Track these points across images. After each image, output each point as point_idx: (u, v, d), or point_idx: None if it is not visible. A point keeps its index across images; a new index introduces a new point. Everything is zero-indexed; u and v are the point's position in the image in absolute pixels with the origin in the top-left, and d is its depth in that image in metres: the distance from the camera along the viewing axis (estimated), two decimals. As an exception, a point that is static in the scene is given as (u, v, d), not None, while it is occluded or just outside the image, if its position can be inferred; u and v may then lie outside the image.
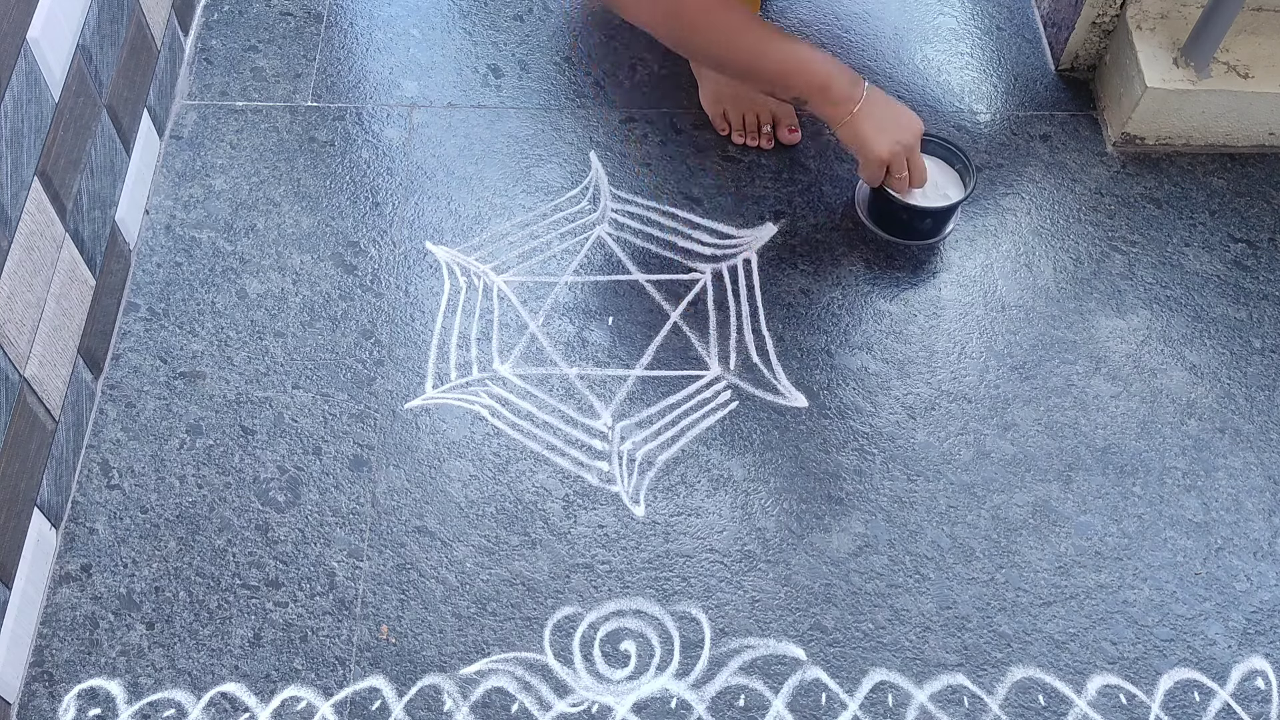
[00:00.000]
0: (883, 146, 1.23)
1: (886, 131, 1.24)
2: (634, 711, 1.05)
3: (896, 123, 1.24)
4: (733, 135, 1.40)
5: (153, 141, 1.34)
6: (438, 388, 1.22)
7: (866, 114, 1.23)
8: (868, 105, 1.23)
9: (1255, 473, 1.20)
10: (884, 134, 1.24)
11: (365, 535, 1.13)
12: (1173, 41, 1.38)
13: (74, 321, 1.13)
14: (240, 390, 1.20)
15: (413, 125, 1.40)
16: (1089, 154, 1.42)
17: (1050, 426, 1.22)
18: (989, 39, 1.52)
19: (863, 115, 1.23)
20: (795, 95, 1.23)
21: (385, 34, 1.48)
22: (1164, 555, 1.15)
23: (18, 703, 1.03)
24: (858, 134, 1.23)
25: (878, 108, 1.24)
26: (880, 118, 1.24)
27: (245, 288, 1.27)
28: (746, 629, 1.09)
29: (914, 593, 1.12)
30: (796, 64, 1.21)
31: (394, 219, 1.33)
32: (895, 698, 1.06)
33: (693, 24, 1.20)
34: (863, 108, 1.23)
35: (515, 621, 1.09)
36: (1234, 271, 1.33)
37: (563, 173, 1.37)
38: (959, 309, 1.29)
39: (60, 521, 1.12)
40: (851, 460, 1.19)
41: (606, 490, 1.16)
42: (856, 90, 1.23)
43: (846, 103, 1.22)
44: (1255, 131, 1.41)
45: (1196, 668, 1.09)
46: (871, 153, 1.24)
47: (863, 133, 1.23)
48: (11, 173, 0.99)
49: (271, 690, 1.05)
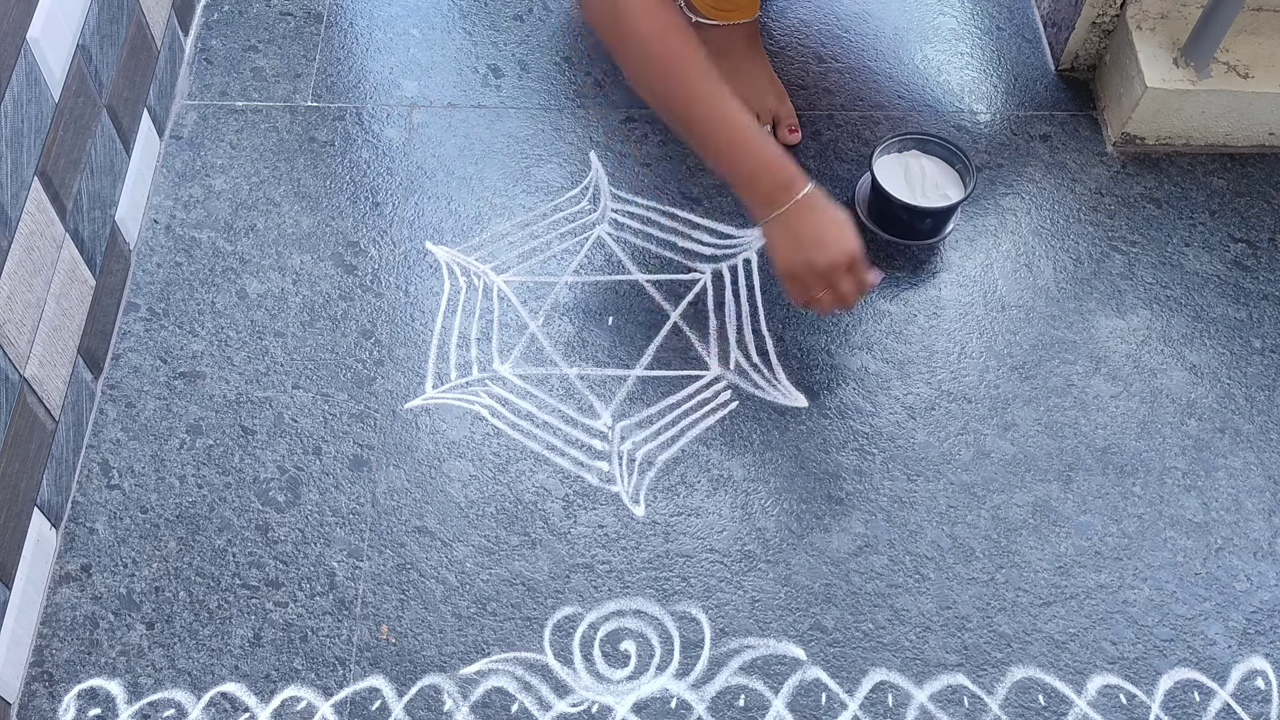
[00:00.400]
0: (788, 264, 1.12)
1: (800, 250, 1.11)
2: (634, 711, 1.05)
3: (819, 241, 1.11)
4: None
5: (153, 141, 1.34)
6: (438, 388, 1.22)
7: (784, 223, 1.11)
8: (791, 214, 1.11)
9: (1255, 473, 1.20)
10: (796, 252, 1.11)
11: (365, 535, 1.13)
12: (1173, 41, 1.38)
13: (74, 321, 1.13)
14: (240, 390, 1.20)
15: (413, 125, 1.40)
16: (1089, 154, 1.42)
17: (1050, 426, 1.22)
18: (989, 39, 1.52)
19: (780, 223, 1.12)
20: (724, 172, 1.13)
21: (385, 34, 1.48)
22: (1164, 555, 1.15)
23: (18, 703, 1.03)
24: (770, 239, 1.13)
25: (799, 220, 1.11)
26: (801, 232, 1.11)
27: (245, 288, 1.27)
28: (746, 629, 1.09)
29: (914, 593, 1.12)
30: (729, 134, 1.10)
31: (394, 219, 1.33)
32: (895, 698, 1.06)
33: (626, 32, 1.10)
34: (785, 214, 1.11)
35: (515, 621, 1.09)
36: (1234, 271, 1.33)
37: (563, 173, 1.37)
38: (959, 309, 1.29)
39: (60, 521, 1.12)
40: (851, 460, 1.19)
41: (606, 490, 1.16)
42: (786, 194, 1.11)
43: (768, 204, 1.11)
44: (1255, 131, 1.41)
45: (1196, 668, 1.09)
46: (776, 267, 1.14)
47: (774, 241, 1.13)
48: (11, 173, 0.99)
49: (271, 690, 1.05)
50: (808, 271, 1.12)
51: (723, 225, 1.34)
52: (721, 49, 1.39)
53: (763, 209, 1.12)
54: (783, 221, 1.12)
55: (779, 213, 1.11)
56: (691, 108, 1.11)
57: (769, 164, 1.11)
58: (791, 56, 1.48)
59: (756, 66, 1.40)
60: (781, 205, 1.11)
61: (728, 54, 1.39)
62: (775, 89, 1.40)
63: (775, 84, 1.41)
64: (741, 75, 1.39)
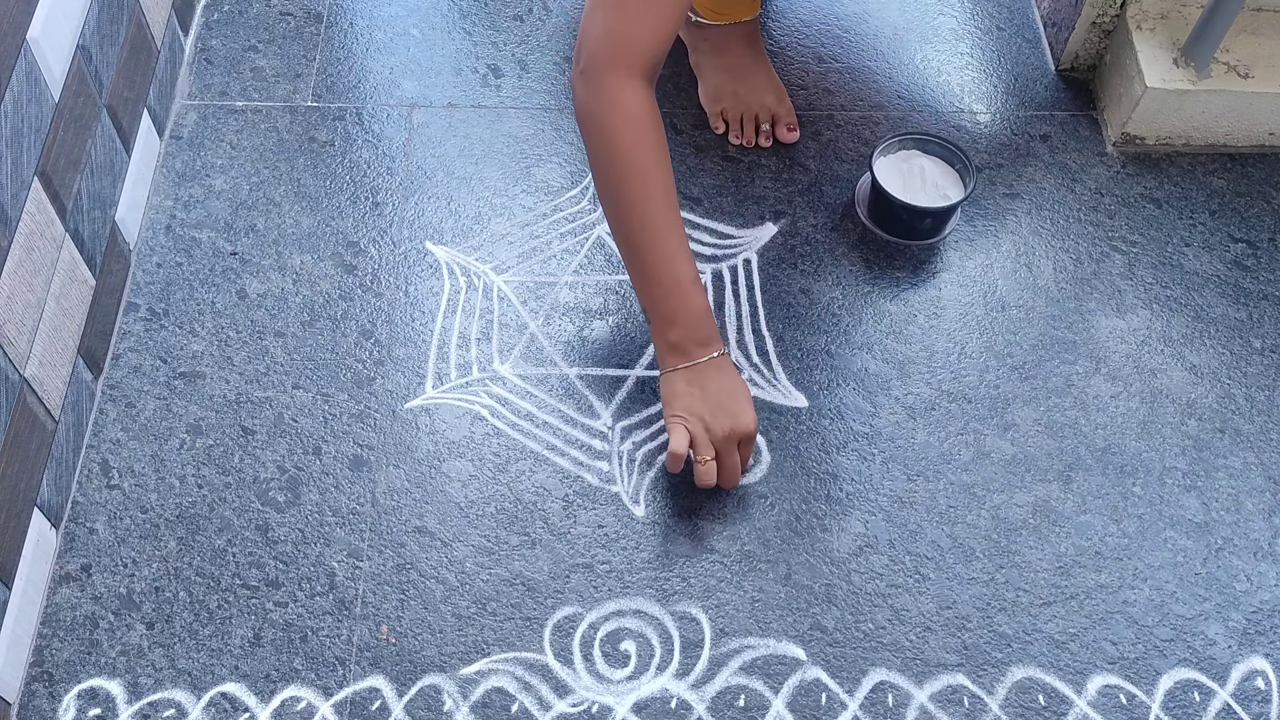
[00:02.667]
0: (680, 415, 1.09)
1: (695, 407, 1.09)
2: (634, 711, 1.05)
3: (721, 405, 1.09)
4: (730, 134, 1.39)
5: (153, 141, 1.34)
6: (438, 388, 1.22)
7: (694, 378, 1.09)
8: (702, 371, 1.09)
9: (1255, 473, 1.20)
10: (692, 408, 1.09)
11: (365, 535, 1.13)
12: (1173, 41, 1.38)
13: (74, 321, 1.13)
14: (240, 390, 1.20)
15: (413, 125, 1.40)
16: (1089, 154, 1.42)
17: (1050, 426, 1.22)
18: (989, 39, 1.52)
19: (686, 377, 1.09)
20: (643, 304, 1.11)
21: (385, 34, 1.48)
22: (1164, 555, 1.15)
23: (18, 703, 1.03)
24: (670, 388, 1.10)
25: (711, 381, 1.09)
26: (707, 391, 1.09)
27: (245, 288, 1.27)
28: (746, 629, 1.09)
29: (914, 593, 1.12)
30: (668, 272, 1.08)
31: (394, 219, 1.33)
32: (895, 698, 1.06)
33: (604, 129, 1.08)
34: (686, 372, 1.09)
35: (515, 621, 1.09)
36: (1234, 271, 1.33)
37: (563, 173, 1.37)
38: (959, 309, 1.29)
39: (60, 521, 1.12)
40: (851, 460, 1.19)
41: (606, 490, 1.16)
42: (696, 351, 1.09)
43: (675, 354, 1.09)
44: (1255, 131, 1.41)
45: (1196, 668, 1.09)
46: (666, 410, 1.11)
47: (671, 392, 1.10)
48: (11, 173, 0.99)
49: (271, 690, 1.05)
50: (698, 433, 1.09)
51: (723, 225, 1.34)
52: (721, 48, 1.39)
53: (674, 357, 1.10)
54: (688, 375, 1.10)
55: (687, 365, 1.09)
56: (641, 230, 1.08)
57: (695, 315, 1.09)
58: (791, 56, 1.48)
59: (756, 65, 1.40)
60: (692, 359, 1.09)
61: (727, 52, 1.39)
62: (775, 88, 1.40)
63: (775, 83, 1.41)
64: (741, 74, 1.39)
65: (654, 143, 1.08)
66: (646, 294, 1.10)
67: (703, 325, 1.10)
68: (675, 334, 1.09)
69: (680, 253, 1.09)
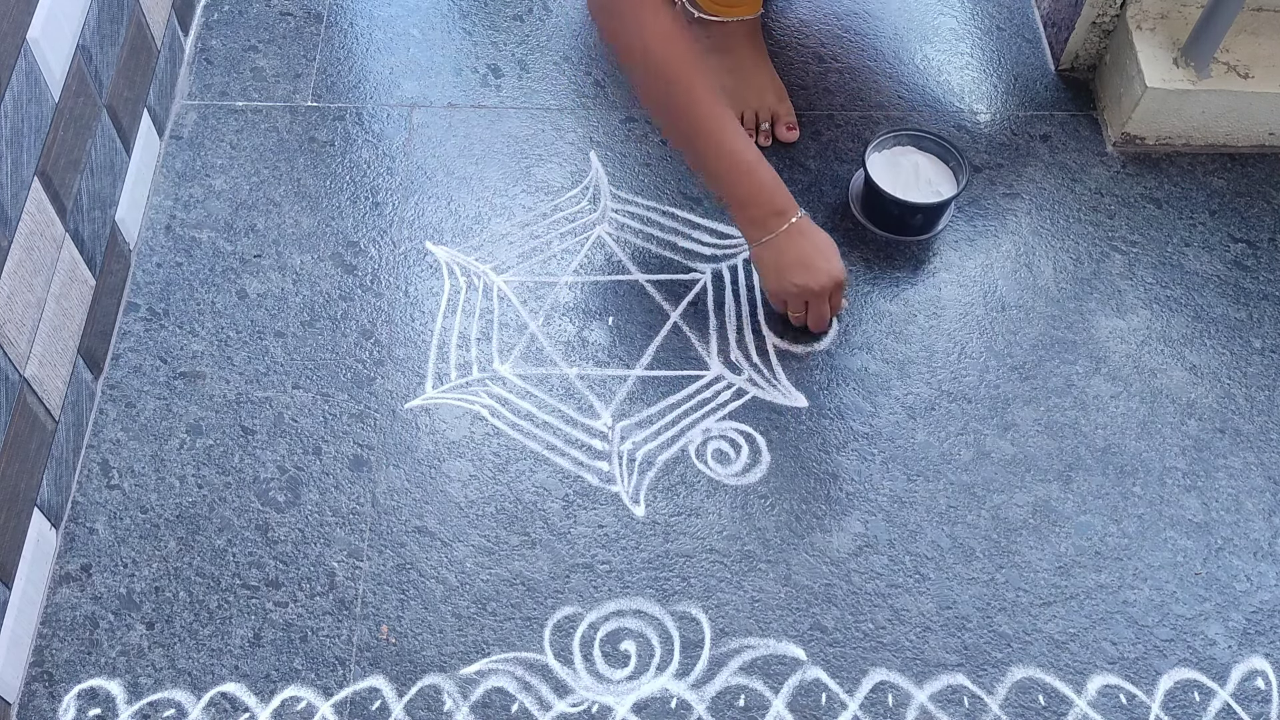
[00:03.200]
0: (777, 285, 1.20)
1: (789, 272, 1.18)
2: (634, 711, 1.05)
3: (803, 268, 1.18)
4: None
5: (153, 141, 1.34)
6: (438, 388, 1.22)
7: (775, 248, 1.18)
8: (780, 240, 1.18)
9: (1255, 473, 1.20)
10: (784, 274, 1.19)
11: (365, 535, 1.13)
12: (1173, 41, 1.38)
13: (74, 321, 1.13)
14: (240, 390, 1.20)
15: (413, 125, 1.40)
16: (1089, 154, 1.42)
17: (1050, 426, 1.22)
18: (989, 39, 1.52)
19: (770, 247, 1.18)
20: (718, 194, 1.19)
21: (385, 34, 1.48)
22: (1164, 555, 1.15)
23: (18, 703, 1.03)
24: (760, 261, 1.20)
25: (790, 247, 1.18)
26: (792, 257, 1.18)
27: (245, 288, 1.27)
28: (746, 629, 1.09)
29: (914, 593, 1.12)
30: (729, 159, 1.16)
31: (394, 219, 1.33)
32: (895, 698, 1.06)
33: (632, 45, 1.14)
34: (774, 240, 1.18)
35: (515, 621, 1.09)
36: (1234, 271, 1.33)
37: (563, 173, 1.37)
38: (959, 309, 1.29)
39: (60, 521, 1.12)
40: (851, 460, 1.19)
41: (606, 490, 1.16)
42: (777, 221, 1.17)
43: (759, 227, 1.18)
44: (1255, 131, 1.41)
45: (1196, 668, 1.09)
46: (765, 286, 1.22)
47: (763, 264, 1.20)
48: (11, 173, 0.99)
49: (271, 690, 1.05)
50: (794, 294, 1.20)
51: (723, 225, 1.34)
52: (722, 45, 1.39)
53: (755, 232, 1.19)
54: (773, 246, 1.18)
55: (770, 238, 1.18)
56: (694, 128, 1.16)
57: (764, 190, 1.17)
58: (791, 56, 1.48)
59: (757, 63, 1.40)
60: (773, 231, 1.17)
61: (728, 50, 1.39)
62: (775, 86, 1.40)
63: (775, 81, 1.41)
64: (742, 72, 1.39)
65: (686, 50, 1.13)
66: (716, 186, 1.18)
67: (774, 198, 1.17)
68: (752, 212, 1.17)
69: (737, 139, 1.16)
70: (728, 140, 1.16)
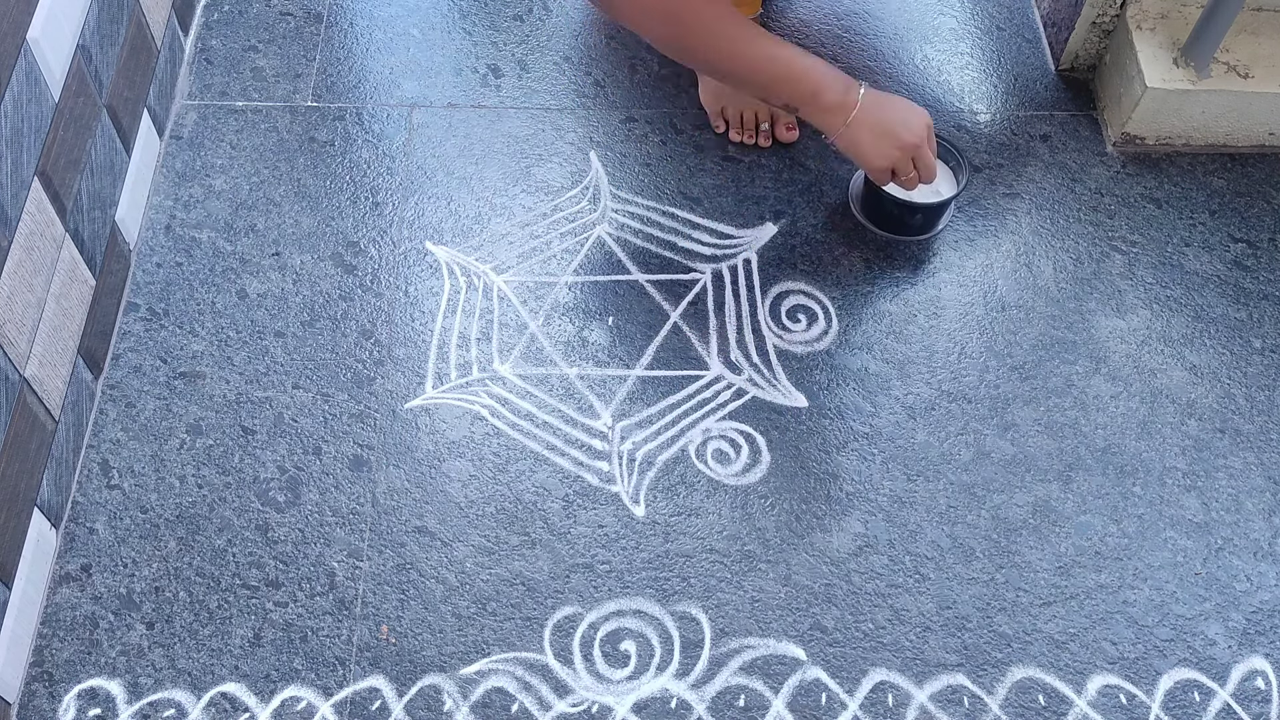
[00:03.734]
0: (880, 155, 1.21)
1: (886, 137, 1.20)
2: (634, 711, 1.05)
3: (896, 126, 1.20)
4: (730, 133, 1.40)
5: (153, 141, 1.34)
6: (438, 388, 1.22)
7: (861, 122, 1.19)
8: (863, 113, 1.19)
9: (1255, 473, 1.20)
10: (883, 140, 1.20)
11: (365, 535, 1.13)
12: (1173, 41, 1.38)
13: (74, 321, 1.13)
14: (240, 390, 1.20)
15: (413, 125, 1.40)
16: (1089, 154, 1.42)
17: (1050, 426, 1.22)
18: (989, 39, 1.52)
19: (858, 124, 1.19)
20: (786, 102, 1.20)
21: (385, 34, 1.48)
22: (1164, 555, 1.15)
23: (18, 703, 1.03)
24: (854, 142, 1.21)
25: (874, 113, 1.20)
26: (877, 124, 1.20)
27: (245, 288, 1.27)
28: (746, 629, 1.09)
29: (914, 593, 1.12)
30: (786, 70, 1.17)
31: (394, 219, 1.33)
32: (895, 698, 1.06)
33: (687, 28, 1.16)
34: (858, 115, 1.19)
35: (515, 621, 1.09)
36: (1234, 271, 1.33)
37: (563, 173, 1.37)
38: (959, 309, 1.29)
39: (60, 521, 1.12)
40: (851, 460, 1.19)
41: (606, 490, 1.16)
42: (850, 97, 1.19)
43: (839, 111, 1.19)
44: (1255, 131, 1.41)
45: (1196, 668, 1.09)
46: (869, 162, 1.22)
47: (859, 141, 1.20)
48: (11, 173, 0.99)
49: (271, 690, 1.05)
50: (900, 155, 1.21)
51: (723, 225, 1.34)
52: None
53: (835, 119, 1.19)
54: (859, 121, 1.19)
55: (851, 117, 1.19)
56: (737, 61, 1.17)
57: (825, 79, 1.18)
58: (791, 56, 1.48)
59: None
60: (851, 110, 1.19)
61: None
62: None
63: None
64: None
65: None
66: (780, 95, 1.19)
67: (836, 81, 1.19)
68: (823, 100, 1.18)
69: (777, 47, 1.17)
70: (771, 51, 1.17)
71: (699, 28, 1.16)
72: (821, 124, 1.21)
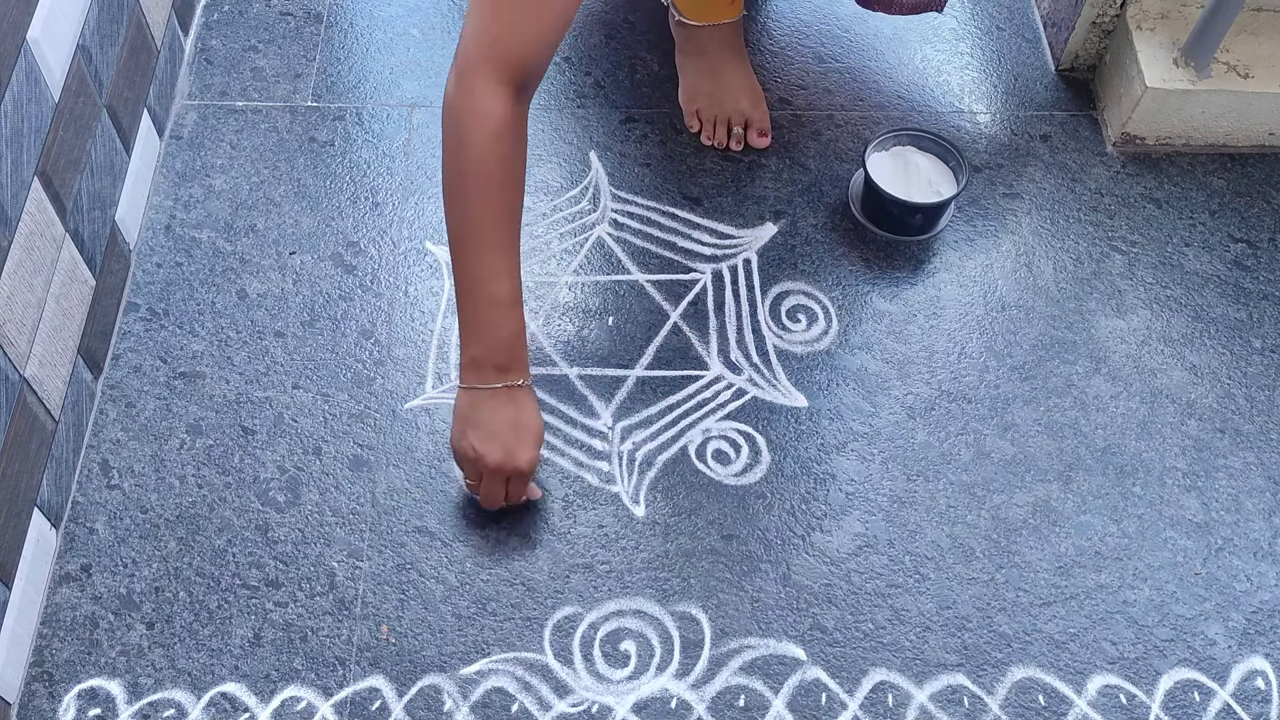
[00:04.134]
0: (459, 442, 1.08)
1: (476, 434, 1.07)
2: (634, 711, 1.05)
3: (495, 436, 1.06)
4: (702, 134, 1.39)
5: (153, 141, 1.34)
6: (438, 388, 1.22)
7: (477, 402, 1.07)
8: (490, 397, 1.07)
9: (1255, 473, 1.20)
10: (472, 433, 1.07)
11: (365, 535, 1.13)
12: (1173, 41, 1.38)
13: (74, 321, 1.13)
14: (240, 390, 1.20)
15: (413, 125, 1.40)
16: (1089, 154, 1.42)
17: (1050, 426, 1.22)
18: (989, 39, 1.52)
19: (474, 399, 1.07)
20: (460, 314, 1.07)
21: (385, 34, 1.48)
22: (1164, 555, 1.15)
23: (18, 703, 1.03)
24: (456, 407, 1.09)
25: (495, 409, 1.07)
26: (485, 418, 1.07)
27: (245, 288, 1.27)
28: (746, 629, 1.09)
29: (914, 593, 1.12)
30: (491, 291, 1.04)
31: (394, 219, 1.33)
32: (895, 698, 1.06)
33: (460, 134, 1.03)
34: (482, 395, 1.07)
35: (515, 621, 1.09)
36: (1234, 271, 1.33)
37: (563, 173, 1.37)
38: (959, 309, 1.29)
39: (60, 521, 1.12)
40: (851, 460, 1.19)
41: (606, 490, 1.16)
42: (495, 377, 1.06)
43: (475, 374, 1.07)
44: (1255, 131, 1.41)
45: (1196, 668, 1.09)
46: (452, 439, 1.10)
47: (458, 411, 1.08)
48: (11, 173, 0.99)
49: (271, 690, 1.05)
50: (469, 459, 1.08)
51: (723, 225, 1.34)
52: (701, 48, 1.39)
53: (470, 375, 1.07)
54: (475, 398, 1.07)
55: (480, 388, 1.07)
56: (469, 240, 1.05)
57: (501, 339, 1.06)
58: (791, 56, 1.48)
59: (734, 68, 1.39)
60: (487, 383, 1.07)
61: (705, 53, 1.39)
62: (751, 92, 1.40)
63: (752, 87, 1.40)
64: (718, 75, 1.39)
65: (506, 154, 1.03)
66: (460, 305, 1.07)
67: (506, 350, 1.06)
68: (476, 351, 1.06)
69: (504, 273, 1.05)
70: (494, 268, 1.05)
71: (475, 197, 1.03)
72: (460, 366, 1.09)
